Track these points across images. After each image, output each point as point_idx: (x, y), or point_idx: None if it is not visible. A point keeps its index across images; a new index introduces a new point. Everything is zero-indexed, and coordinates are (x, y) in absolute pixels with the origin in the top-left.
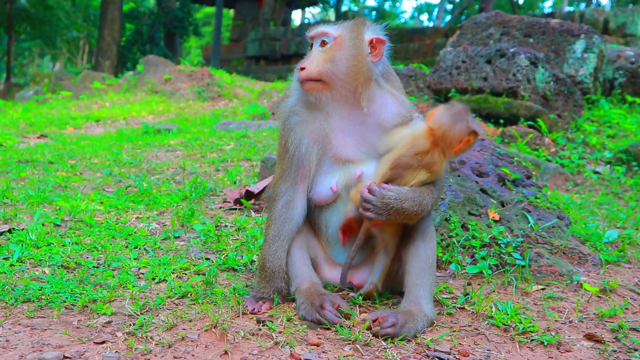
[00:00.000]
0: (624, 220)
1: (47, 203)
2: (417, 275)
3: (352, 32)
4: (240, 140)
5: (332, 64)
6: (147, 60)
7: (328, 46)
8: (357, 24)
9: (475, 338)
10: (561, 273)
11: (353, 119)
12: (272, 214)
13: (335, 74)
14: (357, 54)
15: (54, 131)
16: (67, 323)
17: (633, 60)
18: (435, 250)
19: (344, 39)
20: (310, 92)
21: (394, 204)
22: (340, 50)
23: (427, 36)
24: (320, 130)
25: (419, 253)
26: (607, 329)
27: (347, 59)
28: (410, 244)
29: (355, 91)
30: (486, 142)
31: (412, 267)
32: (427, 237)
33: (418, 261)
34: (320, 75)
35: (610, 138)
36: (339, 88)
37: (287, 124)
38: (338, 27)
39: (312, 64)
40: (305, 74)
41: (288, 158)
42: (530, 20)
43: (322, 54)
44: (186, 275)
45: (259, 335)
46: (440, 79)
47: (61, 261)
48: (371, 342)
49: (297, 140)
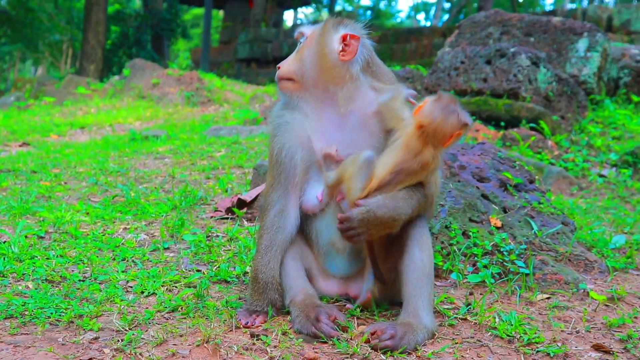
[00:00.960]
0: (631, 225)
1: (30, 214)
2: (414, 286)
3: (326, 31)
4: (231, 147)
5: (301, 62)
6: (134, 64)
7: (300, 45)
8: (327, 21)
9: (478, 350)
10: (567, 281)
11: (332, 120)
12: (264, 223)
13: (305, 72)
14: (322, 51)
15: (37, 139)
16: (52, 340)
17: (638, 59)
18: (432, 259)
19: (313, 38)
20: (284, 90)
21: (368, 217)
22: (308, 49)
23: (424, 36)
24: (303, 134)
25: (415, 262)
26: (616, 339)
27: (313, 57)
28: (406, 253)
29: (328, 90)
30: (487, 145)
31: (409, 277)
32: (423, 245)
33: (415, 271)
34: (290, 74)
35: (616, 140)
36: (310, 87)
37: (273, 129)
38: (314, 27)
39: (285, 63)
40: (279, 72)
41: (277, 165)
42: (531, 19)
43: (296, 53)
44: (176, 288)
45: (253, 350)
46: (438, 81)
47: (45, 275)
48: (370, 356)
49: (281, 145)
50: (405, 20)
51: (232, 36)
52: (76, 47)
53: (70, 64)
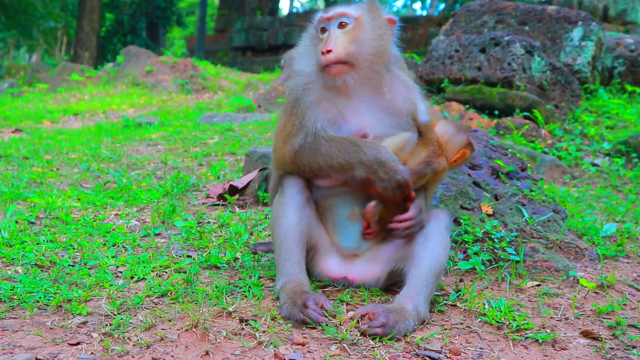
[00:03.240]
0: (622, 214)
1: (21, 200)
2: (426, 274)
3: (372, 13)
4: (224, 134)
5: (357, 45)
6: (128, 51)
7: (349, 27)
8: (373, 3)
9: (468, 336)
10: (557, 268)
11: (372, 102)
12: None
13: (362, 55)
14: (383, 34)
15: (30, 125)
16: (40, 324)
17: (633, 49)
18: (447, 257)
19: (365, 20)
20: (338, 75)
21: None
22: (364, 31)
23: (420, 25)
24: (336, 111)
25: (433, 253)
26: (605, 326)
27: (373, 40)
28: (428, 240)
29: (378, 73)
30: (479, 133)
31: (423, 263)
32: (444, 241)
33: (431, 260)
34: (347, 57)
35: (609, 129)
36: (365, 70)
37: (302, 102)
38: (356, 8)
39: (338, 46)
40: (334, 56)
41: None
42: (525, 7)
43: (345, 35)
44: (166, 273)
45: (241, 335)
46: (432, 69)
47: (35, 260)
48: (359, 342)
49: (313, 118)
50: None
51: (227, 24)
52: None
53: (64, 51)
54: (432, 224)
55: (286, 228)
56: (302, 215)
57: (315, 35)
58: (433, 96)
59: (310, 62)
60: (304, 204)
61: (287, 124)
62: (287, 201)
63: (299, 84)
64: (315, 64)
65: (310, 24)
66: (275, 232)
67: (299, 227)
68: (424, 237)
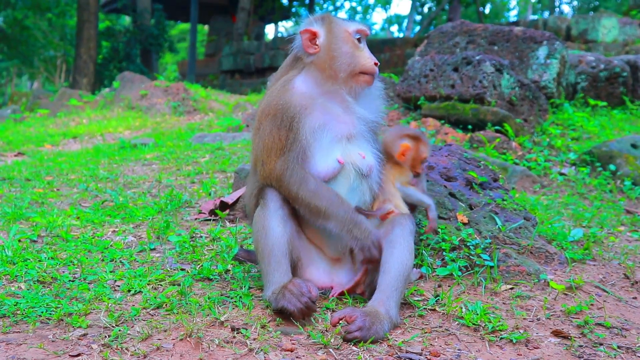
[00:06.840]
0: (589, 220)
1: (23, 219)
2: (394, 278)
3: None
4: (215, 153)
5: None
6: (123, 77)
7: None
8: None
9: (446, 338)
10: (529, 272)
11: (359, 105)
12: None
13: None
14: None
15: (32, 149)
16: (42, 337)
17: (594, 65)
18: (413, 260)
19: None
20: (368, 84)
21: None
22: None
23: (397, 46)
24: (329, 117)
25: (401, 258)
26: (574, 325)
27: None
28: (394, 247)
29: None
30: (454, 147)
31: (392, 268)
32: (409, 246)
33: (399, 265)
34: None
35: (575, 140)
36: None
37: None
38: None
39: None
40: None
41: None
42: (494, 29)
43: (368, 50)
44: (161, 286)
45: (233, 343)
46: (409, 88)
47: (37, 276)
48: (341, 348)
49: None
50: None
51: (216, 49)
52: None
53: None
54: (396, 230)
55: (273, 240)
56: (285, 228)
57: (350, 40)
58: (410, 113)
59: (315, 75)
60: (286, 217)
61: (279, 138)
62: (270, 214)
63: (298, 91)
64: (349, 66)
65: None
66: (261, 244)
67: (284, 239)
68: (389, 243)
